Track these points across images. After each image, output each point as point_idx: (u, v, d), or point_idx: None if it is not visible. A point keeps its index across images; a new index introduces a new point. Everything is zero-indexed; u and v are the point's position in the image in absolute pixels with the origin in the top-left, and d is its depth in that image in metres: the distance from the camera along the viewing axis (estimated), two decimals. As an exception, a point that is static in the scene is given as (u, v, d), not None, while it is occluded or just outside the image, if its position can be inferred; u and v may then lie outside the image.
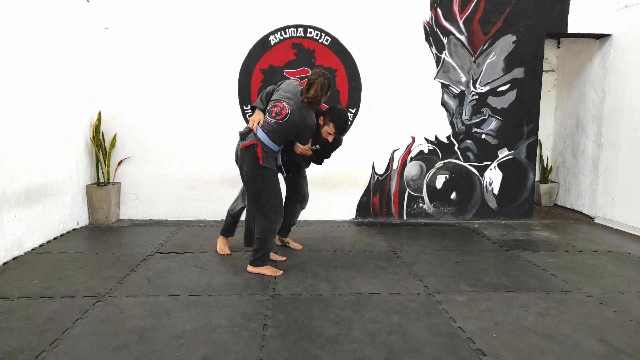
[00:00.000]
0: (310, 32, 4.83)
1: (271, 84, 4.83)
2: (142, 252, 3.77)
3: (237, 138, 3.29)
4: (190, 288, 2.99)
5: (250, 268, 3.27)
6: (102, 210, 4.69)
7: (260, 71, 4.84)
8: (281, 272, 3.28)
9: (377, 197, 5.08)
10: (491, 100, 5.02)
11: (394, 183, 5.08)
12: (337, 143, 3.34)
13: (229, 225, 3.72)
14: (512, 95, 5.02)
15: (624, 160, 4.76)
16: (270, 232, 3.18)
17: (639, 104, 4.58)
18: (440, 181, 5.10)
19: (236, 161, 3.29)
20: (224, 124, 4.85)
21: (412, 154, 5.06)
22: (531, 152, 5.13)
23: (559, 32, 5.05)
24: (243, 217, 3.61)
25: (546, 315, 2.63)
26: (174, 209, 4.98)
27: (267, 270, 3.25)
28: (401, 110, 4.99)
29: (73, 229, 4.45)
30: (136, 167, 4.92)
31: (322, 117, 3.24)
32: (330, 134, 3.23)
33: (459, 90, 5.00)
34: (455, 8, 4.88)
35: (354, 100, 4.95)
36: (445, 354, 2.19)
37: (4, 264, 3.41)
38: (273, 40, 4.82)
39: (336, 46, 4.86)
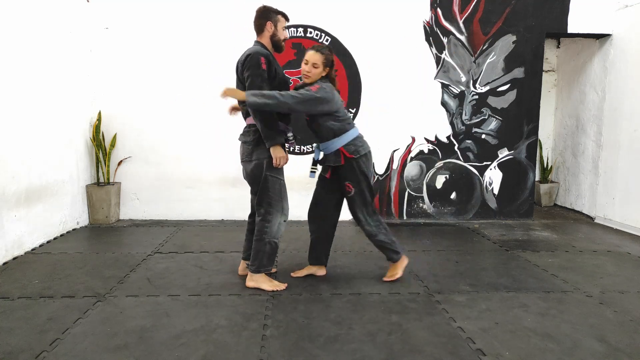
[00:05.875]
0: (310, 32, 4.83)
1: (271, 84, 4.87)
2: (142, 252, 3.77)
3: (237, 138, 3.17)
4: (190, 288, 2.99)
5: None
6: (102, 210, 4.69)
7: (260, 71, 4.84)
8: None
9: (377, 197, 5.08)
10: (491, 100, 5.02)
11: (394, 183, 5.08)
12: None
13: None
14: (512, 95, 5.02)
15: (624, 160, 4.76)
16: None
17: (639, 104, 4.58)
18: (440, 181, 5.10)
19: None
20: (224, 124, 4.84)
21: (412, 154, 5.06)
22: (531, 152, 5.13)
23: (559, 32, 5.05)
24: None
25: (546, 315, 2.63)
26: (174, 209, 4.98)
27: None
28: (401, 110, 4.99)
29: (73, 229, 4.46)
30: (136, 167, 4.92)
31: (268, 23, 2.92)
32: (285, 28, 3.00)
33: (459, 90, 5.00)
34: (455, 8, 4.88)
35: (354, 100, 4.95)
36: (445, 354, 2.19)
37: (4, 264, 3.41)
38: (273, 40, 4.81)
39: (336, 46, 4.86)
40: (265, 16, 2.94)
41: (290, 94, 2.76)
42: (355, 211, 3.04)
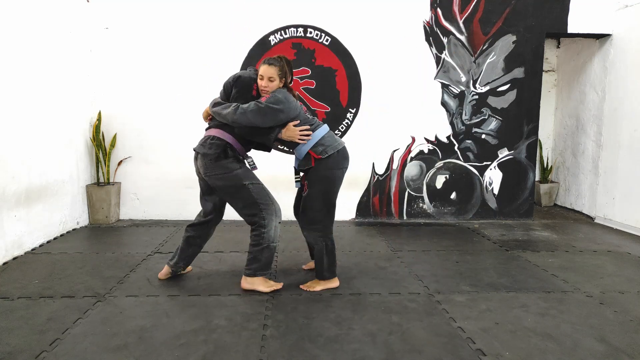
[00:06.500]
0: (310, 32, 4.83)
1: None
2: (142, 252, 3.77)
3: (193, 148, 3.18)
4: (190, 288, 2.99)
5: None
6: (102, 210, 4.69)
7: (260, 71, 4.84)
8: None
9: (377, 197, 5.08)
10: (491, 100, 5.02)
11: (394, 183, 5.08)
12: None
13: None
14: (512, 95, 5.02)
15: (624, 160, 4.76)
16: None
17: (639, 104, 4.58)
18: (440, 181, 5.10)
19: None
20: (224, 124, 4.85)
21: (412, 154, 5.06)
22: (531, 152, 5.13)
23: (559, 32, 5.05)
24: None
25: (546, 315, 2.63)
26: (174, 209, 4.98)
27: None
28: (401, 110, 4.99)
29: (73, 229, 4.45)
30: (136, 167, 4.92)
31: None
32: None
33: (459, 90, 5.00)
34: (455, 8, 4.88)
35: (354, 100, 4.95)
36: (445, 354, 2.19)
37: (4, 264, 3.41)
38: (273, 40, 4.82)
39: (336, 46, 4.86)
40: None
41: (241, 109, 2.73)
42: (303, 211, 2.98)
